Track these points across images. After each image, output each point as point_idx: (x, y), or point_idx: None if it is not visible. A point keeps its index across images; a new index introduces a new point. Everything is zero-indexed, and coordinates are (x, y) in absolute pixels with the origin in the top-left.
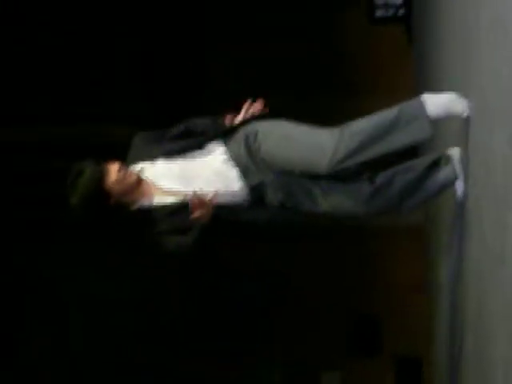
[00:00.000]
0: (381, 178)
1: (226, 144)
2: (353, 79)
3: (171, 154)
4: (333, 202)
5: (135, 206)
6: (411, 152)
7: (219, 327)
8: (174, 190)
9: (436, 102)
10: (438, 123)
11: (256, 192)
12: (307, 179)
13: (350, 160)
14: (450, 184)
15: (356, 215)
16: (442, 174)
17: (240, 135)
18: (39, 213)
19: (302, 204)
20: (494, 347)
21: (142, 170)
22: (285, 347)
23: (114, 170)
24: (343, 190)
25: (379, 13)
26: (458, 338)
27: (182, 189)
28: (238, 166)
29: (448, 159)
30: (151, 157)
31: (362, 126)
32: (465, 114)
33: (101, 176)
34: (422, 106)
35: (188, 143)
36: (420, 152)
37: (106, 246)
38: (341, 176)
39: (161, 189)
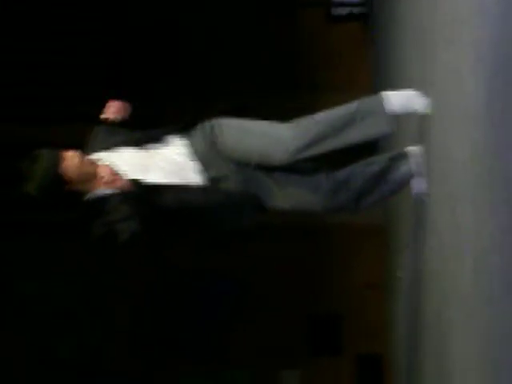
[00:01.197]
0: (340, 174)
1: (185, 137)
2: (311, 77)
3: (129, 144)
4: (290, 196)
5: (87, 196)
6: (371, 149)
7: (180, 329)
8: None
9: (395, 99)
10: (398, 120)
11: (213, 185)
12: (264, 173)
13: (306, 151)
14: (408, 181)
15: (313, 211)
16: (401, 171)
17: (199, 128)
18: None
19: (259, 198)
20: (453, 344)
21: (99, 159)
22: (244, 348)
23: (70, 156)
24: (301, 184)
25: (336, 11)
26: (417, 336)
27: (138, 179)
28: (196, 158)
29: (406, 156)
30: (109, 146)
31: (319, 118)
32: (422, 111)
33: (57, 161)
34: (380, 102)
35: (147, 134)
36: (380, 149)
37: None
38: (298, 170)
39: (112, 174)
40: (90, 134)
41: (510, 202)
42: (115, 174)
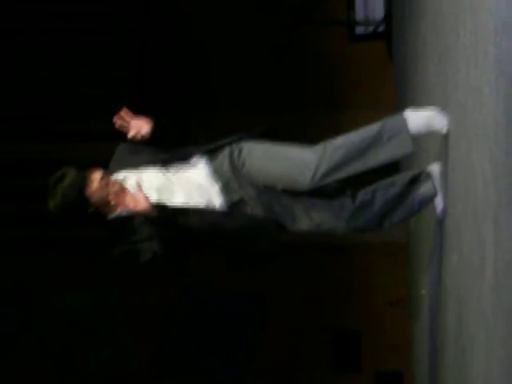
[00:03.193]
0: (362, 194)
1: (209, 159)
2: (334, 95)
3: (154, 163)
4: (315, 219)
5: (112, 215)
6: (392, 168)
7: (203, 347)
8: (153, 201)
9: (417, 118)
10: (420, 139)
11: (236, 208)
12: (289, 196)
13: (331, 175)
14: (429, 200)
15: (336, 232)
16: (422, 190)
17: (224, 151)
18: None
19: (283, 221)
20: (474, 362)
21: (124, 180)
22: (263, 366)
23: (96, 177)
24: (325, 207)
25: (359, 30)
26: (438, 354)
27: (162, 200)
28: (220, 181)
29: (428, 175)
30: (133, 166)
31: (343, 141)
32: (444, 131)
33: (82, 182)
34: (403, 122)
35: (172, 154)
36: (401, 168)
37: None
38: (323, 193)
39: (137, 196)
40: (112, 151)
41: None
42: (139, 197)
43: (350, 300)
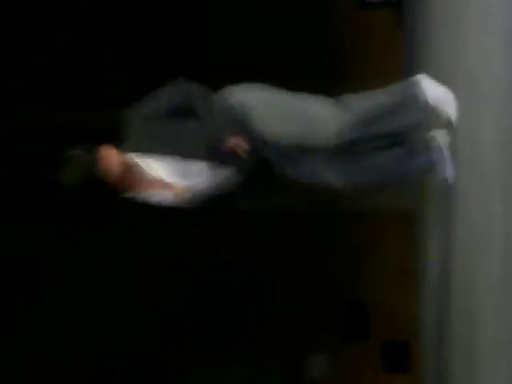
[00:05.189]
0: (367, 154)
1: None
2: (343, 63)
3: (168, 144)
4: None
5: (131, 194)
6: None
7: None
8: (174, 183)
9: (432, 88)
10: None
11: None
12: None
13: (349, 136)
14: (434, 167)
15: (337, 188)
16: (429, 154)
17: None
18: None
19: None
20: (481, 330)
21: (139, 160)
22: (271, 335)
23: (109, 155)
24: (331, 161)
25: None
26: (445, 323)
27: (181, 183)
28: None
29: (436, 141)
30: (150, 145)
31: (362, 104)
32: (449, 119)
33: (95, 163)
34: (419, 89)
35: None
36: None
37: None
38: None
39: (157, 180)
40: (122, 121)
41: None
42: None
43: (358, 269)
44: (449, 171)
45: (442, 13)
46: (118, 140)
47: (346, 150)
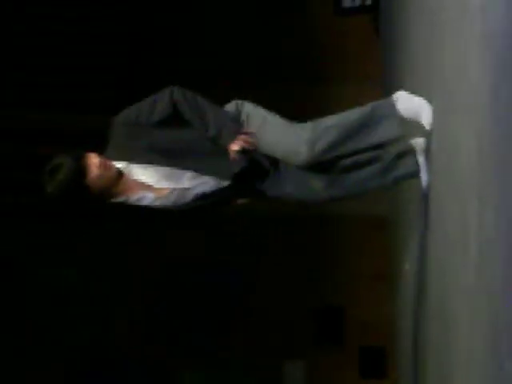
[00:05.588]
0: (345, 163)
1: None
2: (320, 69)
3: (153, 151)
4: (295, 183)
5: (118, 200)
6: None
7: (184, 322)
8: (158, 186)
9: (408, 104)
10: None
11: None
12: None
13: (324, 154)
14: (411, 175)
15: (317, 199)
16: (406, 164)
17: None
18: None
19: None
20: (457, 336)
21: (126, 169)
22: (246, 338)
23: (94, 163)
24: (306, 172)
25: (346, 3)
26: (421, 328)
27: (167, 186)
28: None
29: (412, 150)
30: (135, 153)
31: (336, 121)
32: (428, 127)
33: (80, 171)
34: (393, 106)
35: (172, 143)
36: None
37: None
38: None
39: (143, 184)
40: (108, 126)
41: None
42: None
43: (334, 275)
44: (425, 180)
45: (418, 19)
46: (103, 144)
47: (324, 165)
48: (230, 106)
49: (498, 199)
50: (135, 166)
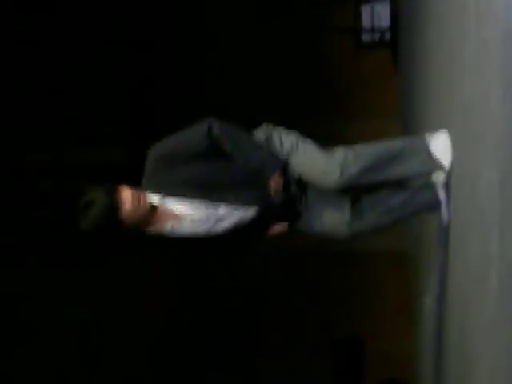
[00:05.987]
0: (368, 199)
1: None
2: (339, 102)
3: (190, 186)
4: (318, 218)
5: (153, 231)
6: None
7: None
8: (189, 213)
9: (440, 146)
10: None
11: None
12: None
13: (354, 180)
14: (430, 208)
15: (338, 235)
16: (426, 198)
17: None
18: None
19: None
20: (478, 373)
21: (158, 198)
22: (265, 370)
23: (127, 197)
24: (329, 205)
25: (366, 37)
26: (442, 362)
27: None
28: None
29: (432, 184)
30: (170, 186)
31: (366, 150)
32: (447, 167)
33: (114, 206)
34: (425, 144)
35: (211, 179)
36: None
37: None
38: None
39: (178, 215)
40: (143, 159)
41: None
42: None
43: (356, 308)
44: (446, 213)
45: (438, 51)
46: (125, 177)
47: (348, 197)
48: (261, 130)
49: None
50: (170, 198)
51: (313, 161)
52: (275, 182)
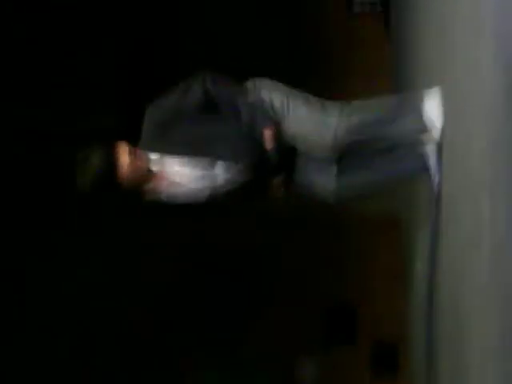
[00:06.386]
0: (357, 162)
1: None
2: (330, 66)
3: (185, 147)
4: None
5: (151, 192)
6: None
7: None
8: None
9: (435, 106)
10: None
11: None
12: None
13: (348, 138)
14: (420, 172)
15: (325, 197)
16: (415, 161)
17: None
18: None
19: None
20: (470, 333)
21: (156, 158)
22: (258, 336)
23: (124, 152)
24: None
25: (356, 8)
26: (434, 326)
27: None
28: None
29: (423, 145)
30: (167, 145)
31: (361, 108)
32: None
33: (111, 160)
34: (421, 103)
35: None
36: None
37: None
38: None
39: (176, 175)
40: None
41: None
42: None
43: (347, 273)
44: (437, 177)
45: (430, 21)
46: (127, 138)
47: (343, 151)
48: (249, 85)
49: (510, 197)
50: (168, 157)
51: (305, 121)
52: (268, 136)
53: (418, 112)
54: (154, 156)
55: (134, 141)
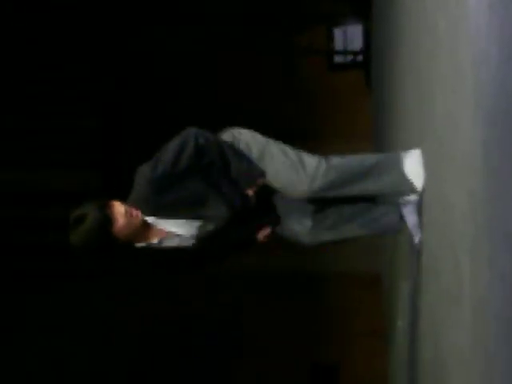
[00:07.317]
0: (335, 212)
1: None
2: (311, 122)
3: (178, 208)
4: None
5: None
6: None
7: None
8: (178, 233)
9: (415, 165)
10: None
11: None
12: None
13: (323, 192)
14: (398, 229)
15: (301, 241)
16: (393, 218)
17: None
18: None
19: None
20: None
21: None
22: None
23: (119, 212)
24: (300, 211)
25: (338, 59)
26: (416, 382)
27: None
28: None
29: (402, 204)
30: (160, 208)
31: (339, 162)
32: (419, 190)
33: (106, 221)
34: (400, 162)
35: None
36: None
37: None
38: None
39: (168, 233)
40: (134, 174)
41: (509, 252)
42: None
43: (327, 332)
44: (418, 236)
45: (410, 73)
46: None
47: (320, 201)
48: (227, 135)
49: (491, 258)
50: (162, 218)
51: (281, 170)
52: (251, 193)
53: (397, 170)
54: (149, 217)
55: (121, 198)
